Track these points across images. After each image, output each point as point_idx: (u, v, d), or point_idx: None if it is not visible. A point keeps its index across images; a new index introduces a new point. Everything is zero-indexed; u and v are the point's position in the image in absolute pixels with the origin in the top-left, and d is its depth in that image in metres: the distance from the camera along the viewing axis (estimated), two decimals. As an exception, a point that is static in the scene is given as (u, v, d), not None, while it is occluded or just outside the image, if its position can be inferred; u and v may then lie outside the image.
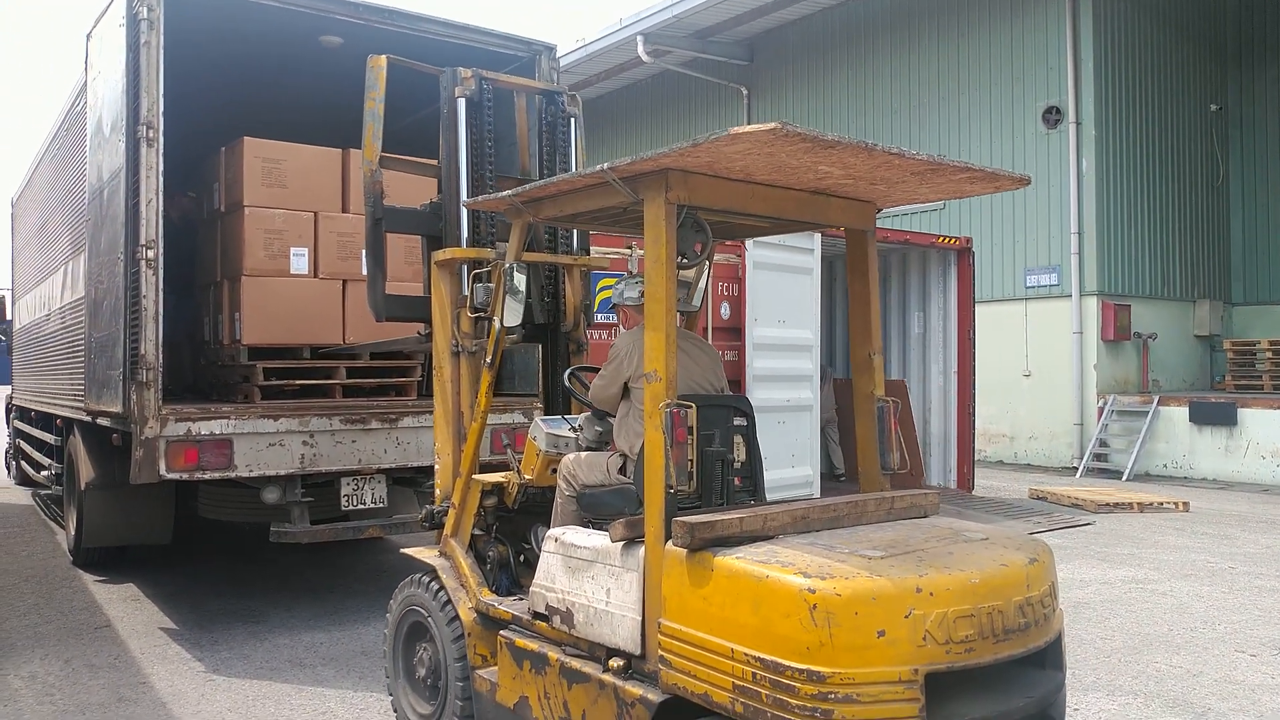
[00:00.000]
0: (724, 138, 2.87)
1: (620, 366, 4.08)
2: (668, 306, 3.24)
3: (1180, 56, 16.36)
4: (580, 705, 3.48)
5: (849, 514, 3.43)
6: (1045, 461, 15.28)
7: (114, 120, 6.19)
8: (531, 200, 3.92)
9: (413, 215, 5.39)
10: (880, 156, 3.13)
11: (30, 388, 10.75)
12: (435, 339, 4.71)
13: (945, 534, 3.28)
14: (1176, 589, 7.42)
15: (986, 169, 3.46)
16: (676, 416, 3.14)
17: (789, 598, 2.79)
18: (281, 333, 6.78)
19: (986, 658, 2.86)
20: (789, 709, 2.75)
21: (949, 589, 2.82)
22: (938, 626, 2.77)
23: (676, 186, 3.24)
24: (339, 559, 8.37)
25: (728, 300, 9.63)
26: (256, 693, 5.18)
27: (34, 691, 5.15)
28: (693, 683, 3.03)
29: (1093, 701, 5.07)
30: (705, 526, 3.08)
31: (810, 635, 2.74)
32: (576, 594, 3.57)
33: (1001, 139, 15.75)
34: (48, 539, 9.33)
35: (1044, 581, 3.12)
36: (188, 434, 5.81)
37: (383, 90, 5.20)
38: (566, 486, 4.14)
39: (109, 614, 6.69)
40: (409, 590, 4.55)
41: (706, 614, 3.01)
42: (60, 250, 8.59)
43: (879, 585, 2.76)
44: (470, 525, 4.40)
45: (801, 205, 3.64)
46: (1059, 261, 15.14)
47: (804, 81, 19.10)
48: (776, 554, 2.98)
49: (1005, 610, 2.92)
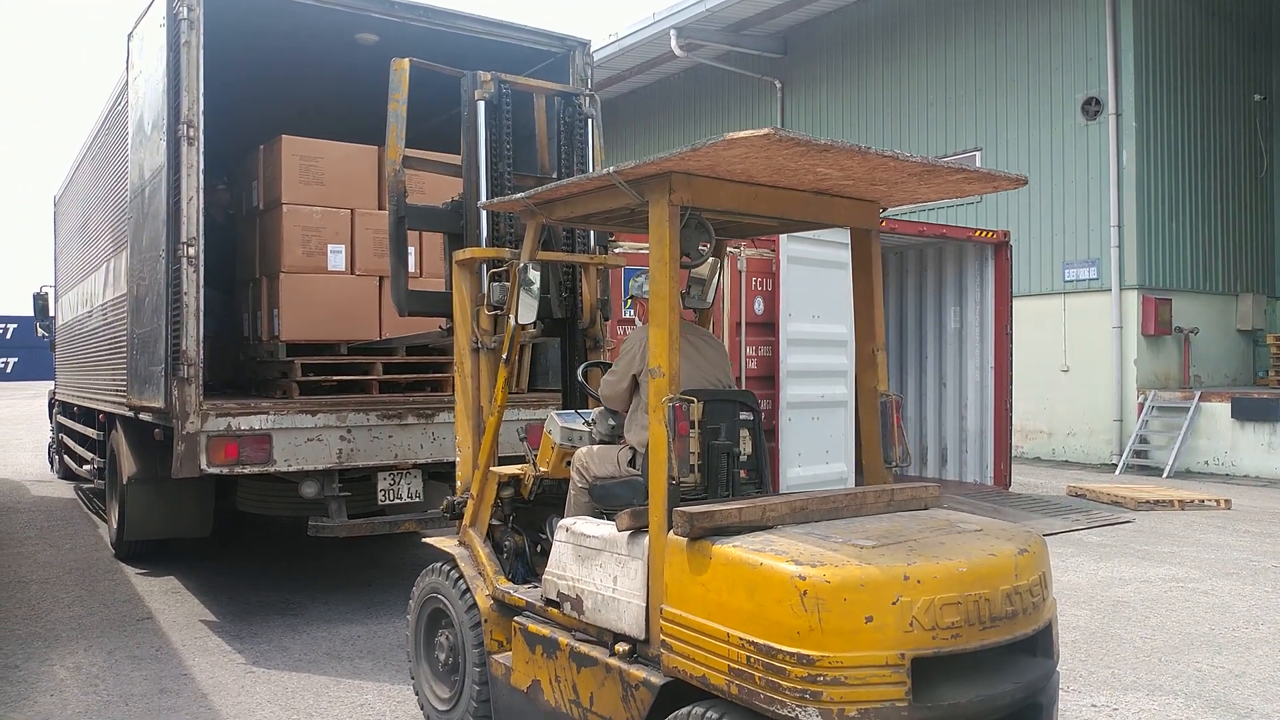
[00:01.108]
0: (721, 143, 2.96)
1: (630, 362, 4.20)
2: (671, 304, 3.34)
3: (1222, 45, 16.07)
4: (588, 688, 3.59)
5: (848, 505, 3.53)
6: (1084, 458, 15.10)
7: (155, 119, 6.27)
8: (544, 202, 4.03)
9: (435, 213, 5.56)
10: (875, 159, 3.21)
11: (73, 383, 10.92)
12: (456, 335, 4.84)
13: (940, 525, 3.37)
14: (1218, 588, 7.31)
15: (982, 170, 3.55)
16: (679, 410, 3.25)
17: (781, 584, 2.89)
18: (319, 329, 6.85)
19: (973, 644, 2.94)
20: (780, 691, 2.85)
21: (936, 577, 2.91)
22: (924, 613, 2.85)
23: (680, 189, 3.34)
24: (376, 553, 8.45)
25: (762, 295, 9.61)
26: (295, 685, 5.24)
27: (79, 682, 5.24)
28: (692, 666, 3.14)
29: (1133, 701, 5.01)
30: (704, 516, 3.19)
31: (801, 620, 2.84)
32: (586, 581, 3.69)
33: (1040, 131, 15.56)
34: (90, 532, 9.49)
35: (1034, 571, 3.19)
36: (228, 429, 5.88)
37: (405, 92, 5.38)
38: (579, 479, 4.23)
39: (150, 606, 6.79)
40: (430, 578, 4.69)
41: (705, 600, 3.12)
42: (102, 248, 8.72)
43: (867, 573, 2.86)
44: (488, 516, 4.52)
45: (805, 205, 3.73)
46: (1098, 255, 14.93)
47: (838, 75, 18.97)
48: (772, 543, 3.08)
49: (992, 598, 3.00)
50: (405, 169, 5.47)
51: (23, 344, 36.56)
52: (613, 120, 23.93)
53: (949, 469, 12.70)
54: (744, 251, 9.41)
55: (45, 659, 5.63)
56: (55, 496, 11.88)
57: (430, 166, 6.09)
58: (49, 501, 11.50)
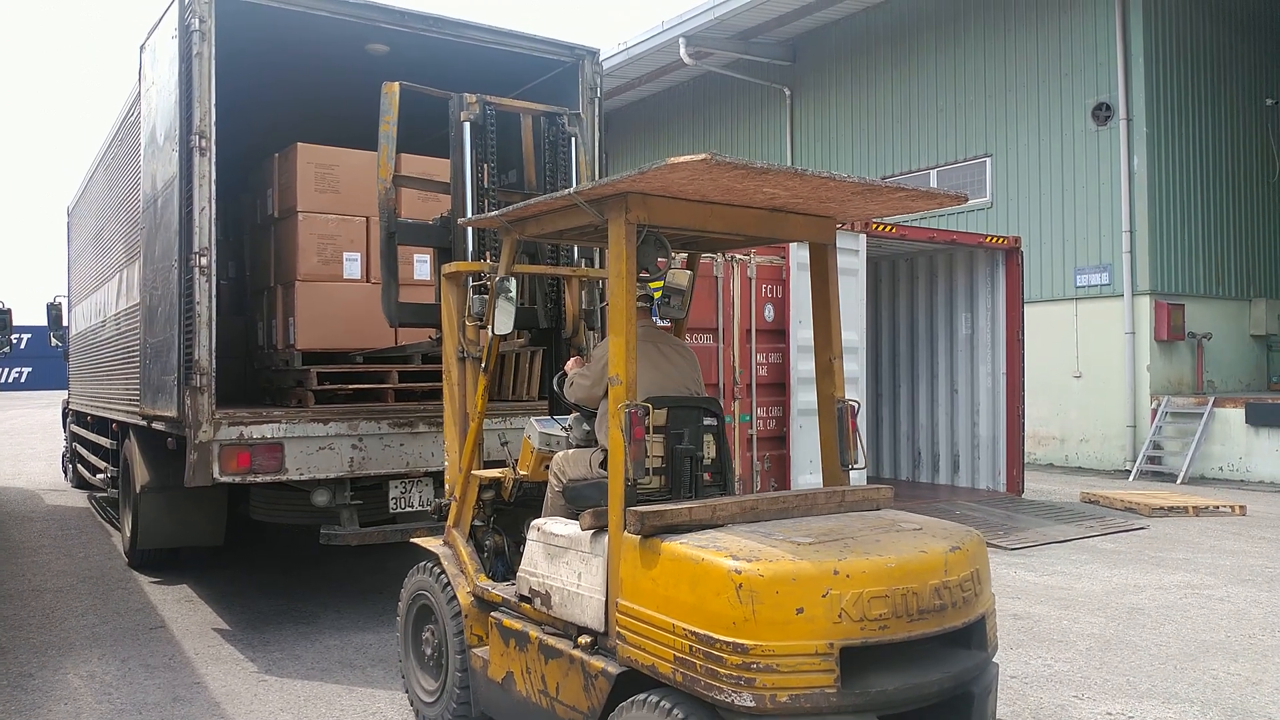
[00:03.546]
0: (664, 167, 3.17)
1: (605, 368, 4.28)
2: (628, 316, 3.56)
3: (1234, 50, 16.01)
4: (555, 679, 3.81)
5: (798, 506, 3.74)
6: (1097, 464, 15.03)
7: (167, 130, 6.30)
8: (516, 219, 4.28)
9: (424, 229, 5.91)
10: (813, 181, 3.40)
11: (86, 392, 10.97)
12: (445, 345, 5.06)
13: (883, 525, 3.57)
14: (1233, 595, 7.26)
15: (922, 189, 3.80)
16: (634, 416, 3.45)
17: (719, 578, 3.09)
18: (335, 337, 6.87)
19: (900, 635, 3.11)
20: (718, 678, 3.04)
21: (865, 571, 3.09)
22: (853, 605, 3.04)
23: (636, 208, 3.55)
24: (387, 561, 8.45)
25: (771, 302, 9.60)
26: (308, 693, 5.25)
27: (92, 690, 5.26)
28: (644, 655, 3.33)
29: (1149, 709, 4.98)
30: (655, 515, 3.39)
31: (736, 611, 3.03)
32: (554, 578, 3.90)
33: (1050, 137, 15.52)
34: (104, 541, 9.52)
35: (966, 567, 3.36)
36: (240, 438, 5.90)
37: (396, 114, 5.70)
38: (555, 481, 4.41)
39: (163, 615, 6.81)
40: (417, 576, 4.92)
41: (655, 594, 3.31)
42: (115, 258, 8.76)
43: (799, 567, 3.06)
44: (470, 517, 4.74)
45: (760, 222, 3.92)
46: (1110, 261, 14.89)
47: (847, 82, 18.97)
48: (717, 540, 3.27)
49: (921, 592, 3.16)
50: (395, 187, 5.77)
51: (36, 354, 36.85)
52: (622, 129, 23.99)
53: (961, 476, 12.65)
54: (754, 258, 9.40)
55: (59, 667, 5.65)
56: (69, 505, 11.93)
57: (420, 184, 6.39)
58: (63, 510, 11.55)
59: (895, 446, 13.63)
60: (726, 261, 9.20)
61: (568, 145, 6.07)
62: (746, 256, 9.30)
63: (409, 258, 6.91)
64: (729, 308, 9.26)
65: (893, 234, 10.82)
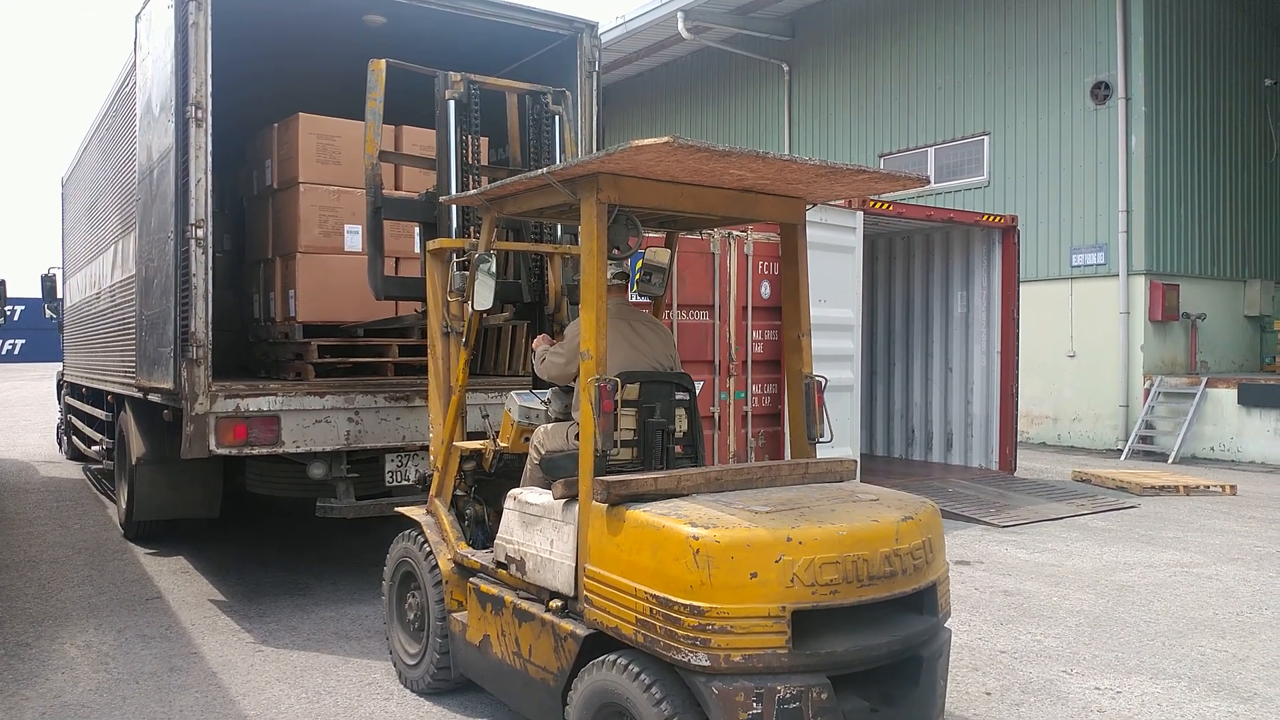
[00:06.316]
0: (630, 149, 3.26)
1: (577, 345, 4.38)
2: (599, 293, 3.65)
3: (1233, 29, 15.96)
4: (527, 641, 3.97)
5: (762, 477, 3.88)
6: (1089, 444, 15.10)
7: (163, 100, 6.27)
8: (495, 198, 4.37)
9: (410, 204, 5.98)
10: (775, 164, 3.50)
11: (81, 365, 10.96)
12: (429, 320, 5.14)
13: (840, 495, 3.71)
14: (1222, 573, 7.33)
15: (884, 171, 3.91)
16: (604, 389, 3.57)
17: (678, 543, 3.24)
18: (335, 310, 6.85)
19: (850, 599, 3.27)
20: (676, 639, 3.20)
21: (817, 539, 3.24)
22: (805, 570, 3.19)
23: (607, 188, 3.64)
24: (383, 534, 8.47)
25: (768, 279, 9.58)
26: (304, 664, 5.28)
27: (89, 660, 5.29)
28: (608, 618, 3.49)
29: (1136, 684, 5.03)
30: (621, 485, 3.53)
31: (693, 575, 3.19)
32: (528, 545, 4.04)
33: (1048, 115, 15.48)
34: (99, 513, 9.55)
35: (917, 536, 3.50)
36: (236, 410, 5.91)
37: (383, 90, 5.73)
38: (534, 453, 4.54)
39: (159, 586, 6.84)
40: (402, 544, 5.07)
41: (619, 559, 3.46)
42: (110, 229, 8.73)
43: (754, 534, 3.21)
44: (451, 487, 4.86)
45: (731, 202, 4.03)
46: (1106, 240, 14.90)
47: (846, 58, 18.88)
48: (678, 508, 3.42)
49: (870, 559, 3.32)
50: (382, 162, 5.80)
51: (31, 326, 36.71)
52: (620, 103, 23.87)
53: (954, 454, 12.70)
54: (751, 235, 9.38)
55: (56, 637, 5.68)
56: (64, 477, 11.95)
57: (406, 160, 6.48)
58: (58, 482, 11.57)
59: (889, 424, 13.67)
60: (724, 238, 9.19)
61: (552, 123, 6.11)
62: (744, 233, 9.29)
63: (410, 231, 6.88)
64: (725, 284, 9.25)
65: (890, 211, 10.80)
